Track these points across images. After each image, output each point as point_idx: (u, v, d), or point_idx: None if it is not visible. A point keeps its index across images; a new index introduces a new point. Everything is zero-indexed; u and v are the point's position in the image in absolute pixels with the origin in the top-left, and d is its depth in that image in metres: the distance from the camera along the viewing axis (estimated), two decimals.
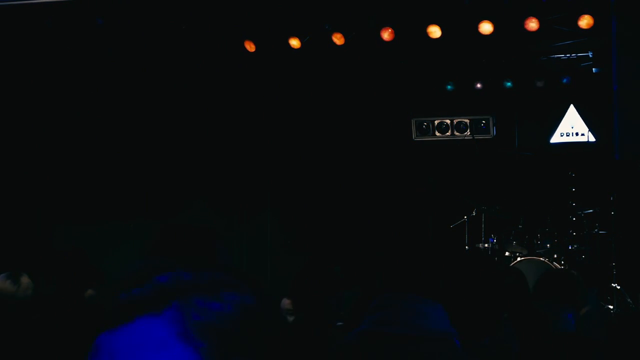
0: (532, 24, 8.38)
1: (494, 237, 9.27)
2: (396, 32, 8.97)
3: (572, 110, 10.03)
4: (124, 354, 1.73)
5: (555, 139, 10.11)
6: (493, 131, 10.16)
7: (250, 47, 9.20)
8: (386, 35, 8.76)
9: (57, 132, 10.14)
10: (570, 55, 9.73)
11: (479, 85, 10.14)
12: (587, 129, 9.95)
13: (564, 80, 9.89)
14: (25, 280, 5.04)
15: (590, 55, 9.59)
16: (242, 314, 1.72)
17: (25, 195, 10.01)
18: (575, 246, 9.06)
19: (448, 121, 10.27)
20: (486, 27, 8.53)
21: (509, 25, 8.81)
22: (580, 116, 9.99)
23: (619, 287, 8.61)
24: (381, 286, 2.64)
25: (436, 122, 10.30)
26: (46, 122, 10.10)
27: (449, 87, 10.18)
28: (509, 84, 9.95)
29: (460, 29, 8.95)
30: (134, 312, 1.75)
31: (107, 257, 9.62)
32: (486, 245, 9.28)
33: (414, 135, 10.36)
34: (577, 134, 10.03)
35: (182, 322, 1.70)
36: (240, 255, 10.63)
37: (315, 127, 10.61)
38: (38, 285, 4.69)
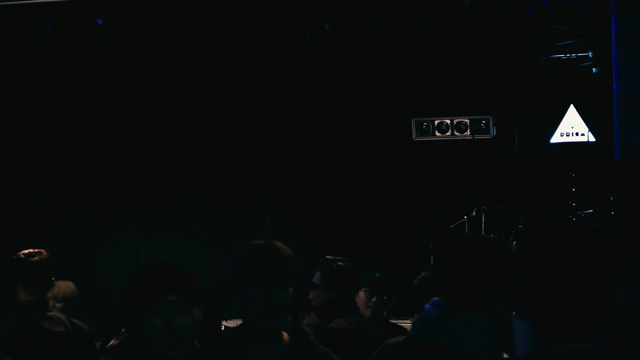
0: None
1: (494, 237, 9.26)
2: (396, 32, 8.98)
3: (572, 110, 10.04)
4: None
5: (555, 139, 10.11)
6: (493, 131, 10.16)
7: None
8: None
9: (57, 131, 10.14)
10: (570, 55, 9.73)
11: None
12: (587, 129, 9.95)
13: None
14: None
15: (590, 55, 9.58)
16: None
17: (25, 195, 10.01)
18: None
19: (448, 121, 10.27)
20: None
21: (509, 25, 8.82)
22: (580, 116, 9.99)
23: None
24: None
25: (436, 122, 10.30)
26: (46, 122, 10.10)
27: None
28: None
29: (460, 29, 8.96)
30: None
31: (107, 257, 9.66)
32: None
33: (414, 135, 10.36)
34: (577, 134, 10.03)
35: None
36: None
37: (316, 126, 10.61)
38: None
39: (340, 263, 4.57)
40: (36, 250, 4.42)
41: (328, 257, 4.65)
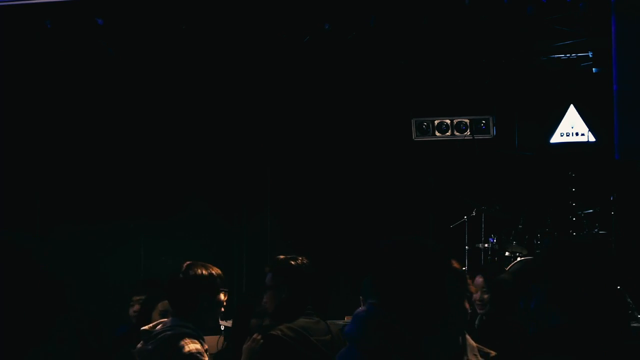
0: None
1: (494, 237, 9.27)
2: (396, 32, 8.98)
3: (572, 110, 10.04)
4: None
5: (555, 139, 10.11)
6: (493, 131, 10.17)
7: None
8: None
9: (57, 131, 10.14)
10: (570, 55, 9.73)
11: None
12: (587, 129, 9.96)
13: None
14: None
15: (590, 55, 9.59)
16: None
17: (25, 195, 10.00)
18: None
19: (448, 121, 10.27)
20: None
21: (509, 25, 8.82)
22: (580, 116, 10.00)
23: (619, 287, 8.59)
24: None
25: (436, 122, 10.30)
26: (46, 122, 10.09)
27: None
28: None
29: (460, 29, 8.96)
30: None
31: (107, 257, 9.65)
32: (486, 245, 9.29)
33: (414, 135, 10.36)
34: (577, 134, 10.03)
35: None
36: (240, 255, 10.63)
37: (316, 126, 10.61)
38: None
39: (292, 262, 4.22)
40: None
41: (280, 256, 4.30)
